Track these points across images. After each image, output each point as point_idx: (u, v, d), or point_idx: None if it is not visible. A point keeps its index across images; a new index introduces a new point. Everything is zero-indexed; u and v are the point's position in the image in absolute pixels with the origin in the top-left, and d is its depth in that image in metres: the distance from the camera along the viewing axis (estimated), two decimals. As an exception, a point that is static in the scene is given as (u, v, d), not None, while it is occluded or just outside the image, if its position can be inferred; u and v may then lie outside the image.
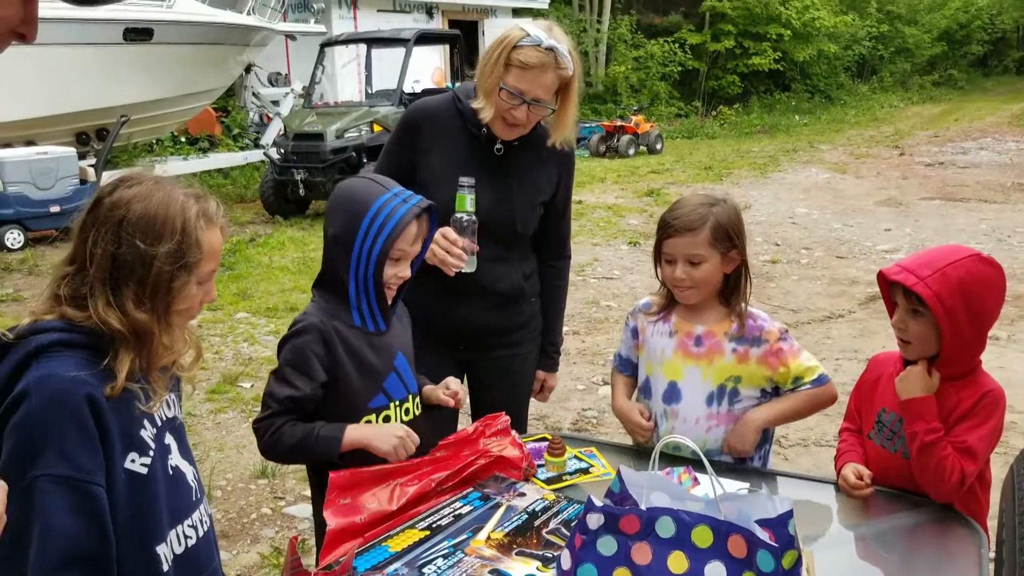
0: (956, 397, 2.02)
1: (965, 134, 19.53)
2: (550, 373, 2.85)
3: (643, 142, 17.51)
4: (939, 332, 1.98)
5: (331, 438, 1.96)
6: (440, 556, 1.71)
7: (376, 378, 2.11)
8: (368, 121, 10.91)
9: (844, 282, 7.77)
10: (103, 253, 1.46)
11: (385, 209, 2.02)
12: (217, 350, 6.13)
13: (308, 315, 2.08)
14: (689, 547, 1.24)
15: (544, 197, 2.62)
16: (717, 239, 2.21)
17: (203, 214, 1.55)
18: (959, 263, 1.98)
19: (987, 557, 1.82)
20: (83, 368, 1.43)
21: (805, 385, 2.28)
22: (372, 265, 2.03)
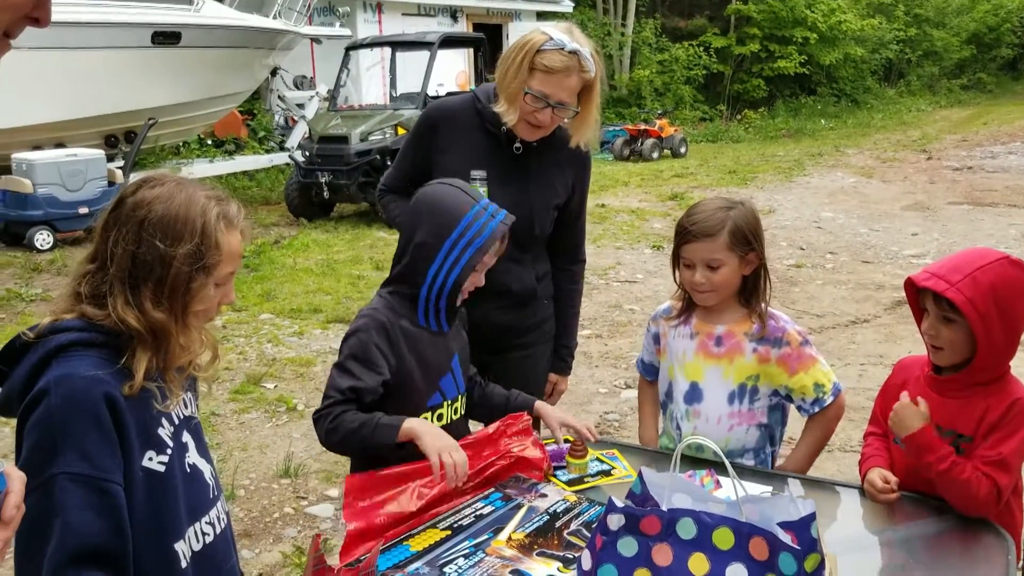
0: (985, 404, 1.99)
1: (994, 138, 19.30)
2: (562, 376, 2.86)
3: (667, 146, 17.44)
4: (972, 337, 1.96)
5: (390, 426, 1.96)
6: (461, 556, 1.71)
7: (434, 377, 2.15)
8: (392, 124, 10.96)
9: (870, 287, 7.70)
10: (123, 252, 1.48)
11: (476, 224, 2.07)
12: (241, 351, 6.17)
13: (375, 310, 2.12)
14: (710, 549, 1.23)
15: (559, 200, 2.63)
16: (735, 243, 2.21)
17: (223, 216, 1.56)
18: (989, 267, 1.95)
19: (1015, 564, 1.80)
20: (102, 367, 1.44)
21: (828, 396, 2.28)
22: (455, 274, 2.07)
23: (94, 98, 10.55)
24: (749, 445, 2.32)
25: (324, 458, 4.47)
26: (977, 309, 1.92)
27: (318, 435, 2.10)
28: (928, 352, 2.10)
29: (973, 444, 1.99)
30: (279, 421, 4.98)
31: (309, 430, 4.81)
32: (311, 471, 4.32)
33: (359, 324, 2.10)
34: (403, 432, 1.95)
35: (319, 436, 2.10)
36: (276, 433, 4.82)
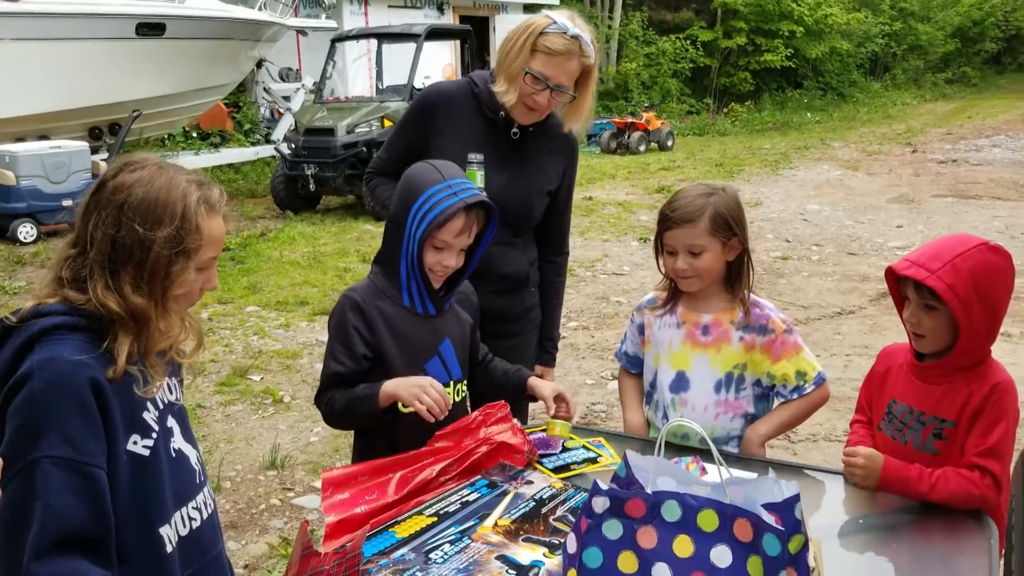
0: (968, 389, 2.01)
1: (978, 131, 19.41)
2: (547, 368, 2.86)
3: (654, 139, 17.46)
4: (953, 324, 1.97)
5: (369, 395, 2.08)
6: (447, 542, 1.71)
7: (418, 359, 2.18)
8: (379, 116, 10.93)
9: (855, 278, 7.74)
10: (103, 236, 1.47)
11: (433, 199, 2.08)
12: (227, 343, 6.15)
13: (352, 290, 2.19)
14: (695, 531, 1.23)
15: (551, 186, 2.65)
16: (717, 228, 2.22)
17: (204, 200, 1.55)
18: (968, 253, 1.96)
19: (997, 547, 1.81)
20: (85, 351, 1.44)
21: (809, 385, 2.29)
22: (415, 251, 2.10)
23: (78, 90, 10.48)
24: (734, 433, 2.33)
25: (310, 450, 4.46)
26: (958, 296, 1.93)
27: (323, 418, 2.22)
28: (910, 340, 2.11)
29: (956, 429, 2.01)
30: (265, 413, 4.97)
31: (296, 422, 4.81)
32: (297, 463, 4.31)
33: (337, 305, 2.17)
34: (382, 399, 2.06)
35: (324, 420, 2.23)
36: (262, 425, 4.81)
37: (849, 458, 2.03)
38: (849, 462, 2.02)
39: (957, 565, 1.82)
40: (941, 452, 2.03)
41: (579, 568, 1.28)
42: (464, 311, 2.33)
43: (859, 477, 2.01)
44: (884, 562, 1.88)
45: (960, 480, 1.94)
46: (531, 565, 1.62)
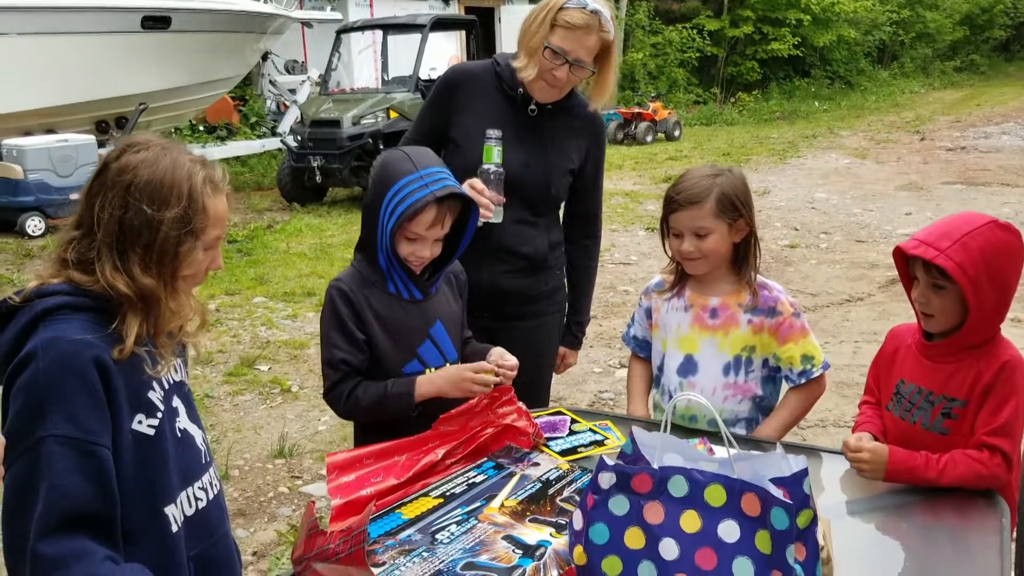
0: (977, 367, 1.99)
1: (987, 119, 19.29)
2: (571, 350, 2.88)
3: (661, 129, 17.39)
4: (963, 303, 1.95)
5: (404, 393, 2.10)
6: (453, 523, 1.70)
7: (409, 344, 2.17)
8: (384, 107, 10.91)
9: (864, 266, 7.70)
10: (110, 218, 1.46)
11: (404, 191, 2.06)
12: (235, 333, 6.16)
13: (338, 280, 2.18)
14: (702, 506, 1.22)
15: (573, 165, 2.64)
16: (723, 210, 2.21)
17: (209, 180, 1.56)
18: (977, 231, 1.94)
19: (1008, 526, 1.80)
20: (90, 331, 1.43)
21: (816, 369, 2.28)
22: (388, 242, 2.09)
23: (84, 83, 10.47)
24: (742, 415, 2.32)
25: (318, 438, 4.46)
26: (967, 274, 1.91)
27: (338, 414, 2.22)
28: (919, 320, 2.09)
29: (965, 408, 1.99)
30: (273, 403, 4.97)
31: (304, 411, 4.82)
32: (305, 451, 4.32)
33: (326, 297, 2.17)
34: (420, 394, 2.10)
35: (336, 413, 2.22)
36: (270, 415, 4.81)
37: (853, 454, 2.00)
38: (854, 459, 2.00)
39: (968, 544, 1.81)
40: (950, 431, 2.01)
41: (586, 544, 1.27)
42: (453, 291, 2.32)
43: (866, 472, 1.99)
44: (894, 541, 1.87)
45: (969, 462, 1.92)
46: (538, 545, 1.61)
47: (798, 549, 1.20)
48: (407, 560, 1.56)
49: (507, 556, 1.58)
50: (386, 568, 1.54)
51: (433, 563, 1.55)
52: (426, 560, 1.56)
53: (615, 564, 1.25)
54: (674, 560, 1.22)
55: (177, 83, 11.72)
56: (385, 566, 1.54)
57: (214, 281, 7.29)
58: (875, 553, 1.79)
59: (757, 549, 1.19)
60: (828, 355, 2.42)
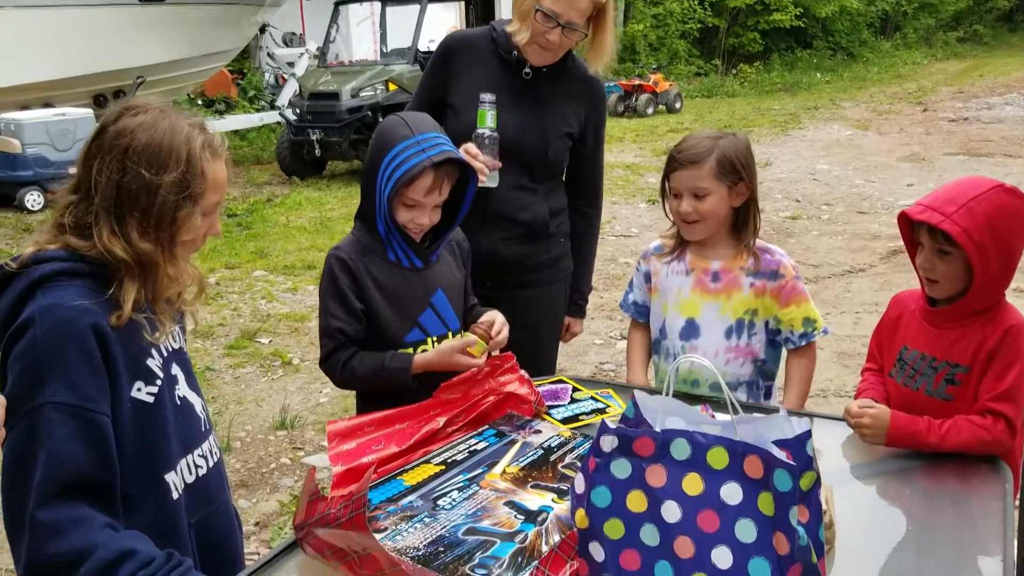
0: (982, 333, 1.97)
1: (990, 89, 19.17)
2: (576, 319, 2.88)
3: (662, 101, 17.29)
4: (968, 268, 1.93)
5: (401, 368, 2.09)
6: (455, 489, 1.70)
7: (410, 313, 2.16)
8: (383, 80, 10.84)
9: (865, 237, 7.68)
10: (108, 182, 1.44)
11: (400, 156, 2.04)
12: (235, 307, 6.15)
13: (337, 248, 2.15)
14: (704, 469, 1.21)
15: (570, 130, 2.62)
16: (722, 171, 2.19)
17: (208, 145, 1.54)
18: (983, 196, 1.92)
19: (1012, 492, 1.79)
20: (88, 297, 1.42)
21: (817, 333, 2.29)
22: (386, 208, 2.07)
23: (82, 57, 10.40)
24: (743, 379, 2.32)
25: (320, 410, 4.47)
26: (973, 239, 1.89)
27: (334, 383, 2.20)
28: (923, 286, 2.08)
29: (969, 374, 1.98)
30: (274, 375, 4.98)
31: (305, 384, 4.82)
32: (307, 423, 4.33)
33: (325, 265, 2.15)
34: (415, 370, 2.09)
35: (333, 383, 2.20)
36: (271, 387, 4.82)
37: (855, 420, 2.00)
38: (856, 424, 2.00)
39: (970, 510, 1.80)
40: (954, 398, 2.00)
41: (588, 508, 1.26)
42: (456, 259, 2.30)
43: (868, 436, 1.98)
44: (896, 507, 1.86)
45: (971, 427, 1.91)
46: (540, 510, 1.61)
47: (801, 511, 1.19)
48: (409, 526, 1.56)
49: (509, 521, 1.58)
50: (388, 534, 1.54)
51: (435, 528, 1.55)
52: (428, 526, 1.56)
53: (617, 527, 1.24)
54: (676, 522, 1.21)
55: (175, 56, 11.64)
56: (387, 531, 1.54)
57: (214, 255, 7.28)
58: (877, 518, 1.79)
59: (760, 511, 1.18)
60: (829, 326, 2.42)
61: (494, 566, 1.43)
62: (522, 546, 1.49)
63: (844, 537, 1.59)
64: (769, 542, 1.18)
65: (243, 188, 10.54)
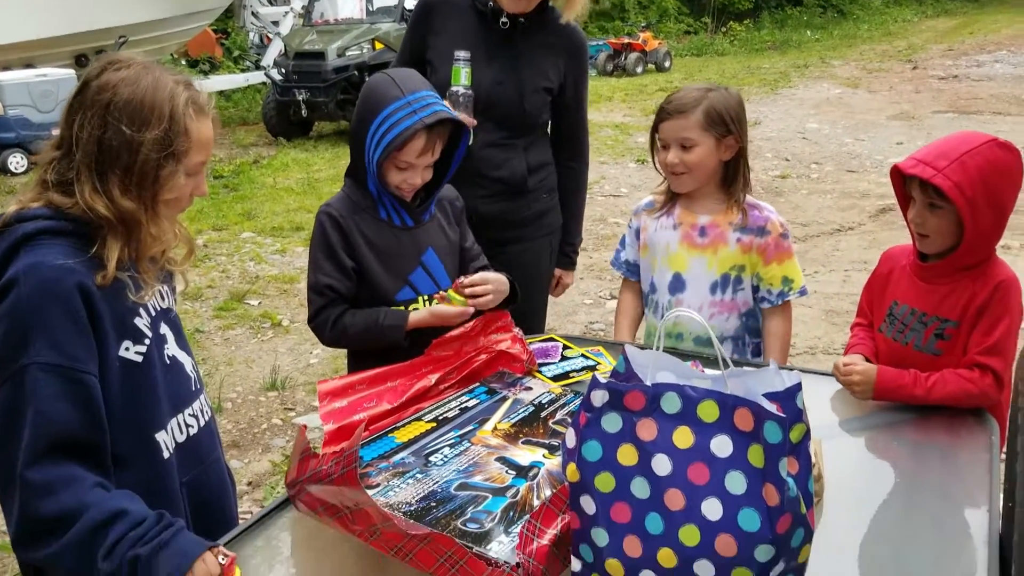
0: (972, 288, 1.98)
1: (980, 47, 19.09)
2: (566, 271, 2.90)
3: (651, 60, 17.17)
4: (959, 223, 1.93)
5: (396, 326, 2.07)
6: (446, 445, 1.70)
7: (401, 271, 2.14)
8: (369, 39, 10.71)
9: (854, 195, 7.69)
10: (89, 138, 1.42)
11: (392, 119, 2.00)
12: (224, 269, 6.12)
13: (328, 205, 2.13)
14: (695, 422, 1.21)
15: (549, 84, 2.59)
16: (710, 123, 2.18)
17: (193, 102, 1.50)
18: (976, 151, 1.90)
19: (998, 444, 1.81)
20: (72, 256, 1.40)
21: (793, 293, 2.29)
22: (373, 170, 2.05)
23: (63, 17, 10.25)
24: (728, 333, 2.33)
25: (310, 371, 4.47)
26: (965, 194, 1.88)
27: (320, 339, 2.17)
28: (914, 240, 2.08)
29: (959, 329, 1.99)
30: (264, 337, 4.97)
31: (295, 345, 4.82)
32: (298, 383, 4.33)
33: (316, 222, 2.13)
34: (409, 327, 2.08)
35: (322, 340, 2.18)
36: (262, 348, 4.81)
37: (844, 377, 2.01)
38: (844, 380, 2.01)
39: (957, 462, 1.82)
40: (943, 352, 2.01)
41: (579, 462, 1.27)
42: (448, 218, 2.28)
43: (856, 391, 1.99)
44: (884, 459, 1.88)
45: (958, 380, 1.92)
46: (531, 466, 1.62)
47: (791, 463, 1.19)
48: (401, 482, 1.57)
49: (501, 477, 1.58)
50: (380, 490, 1.54)
51: (427, 484, 1.56)
52: (420, 482, 1.57)
53: (608, 480, 1.25)
54: (667, 475, 1.22)
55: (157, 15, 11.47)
56: (379, 488, 1.55)
57: (201, 216, 7.23)
58: (866, 471, 1.80)
59: (750, 463, 1.18)
60: (818, 284, 2.43)
61: (486, 520, 1.44)
62: (513, 501, 1.50)
63: (832, 489, 1.61)
64: (759, 493, 1.18)
65: (229, 150, 10.44)
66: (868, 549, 1.50)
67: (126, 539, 1.33)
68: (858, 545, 1.51)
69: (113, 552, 1.32)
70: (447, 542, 1.33)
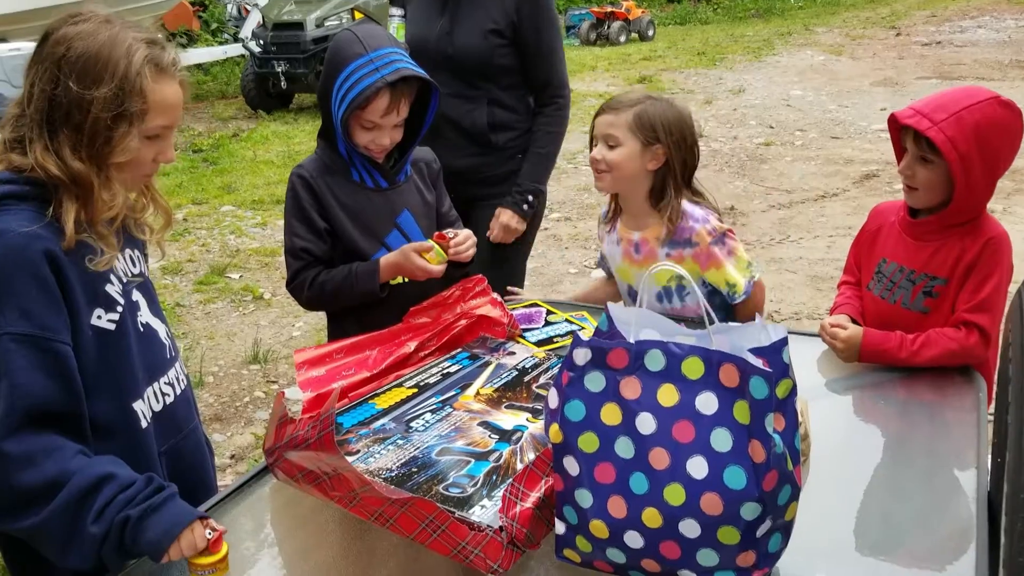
0: (961, 245, 1.95)
1: (963, 13, 19.04)
2: (509, 211, 2.72)
3: (634, 29, 17.02)
4: (949, 179, 1.89)
5: (370, 271, 2.03)
6: (428, 411, 1.67)
7: (376, 233, 2.11)
8: (348, 8, 10.55)
9: (839, 162, 7.66)
10: (40, 94, 1.37)
11: (353, 76, 1.95)
12: (204, 243, 6.05)
13: (300, 167, 2.10)
14: (679, 379, 1.19)
15: (496, 26, 2.57)
16: (639, 126, 2.11)
17: (152, 61, 1.42)
18: (976, 106, 1.86)
19: (985, 401, 1.80)
20: (36, 222, 1.35)
21: (739, 295, 2.20)
22: (341, 131, 2.00)
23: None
24: None
25: (292, 343, 4.43)
26: (957, 149, 1.84)
27: (299, 302, 2.16)
28: (904, 193, 2.04)
29: (947, 287, 1.96)
30: (246, 310, 4.92)
31: (277, 318, 4.77)
32: (280, 356, 4.29)
33: (288, 184, 2.10)
34: (383, 274, 2.03)
35: (300, 303, 2.16)
36: (243, 322, 4.76)
37: (830, 339, 1.99)
38: (830, 344, 1.99)
39: (945, 419, 1.81)
40: (931, 311, 1.99)
41: (561, 422, 1.24)
42: (424, 180, 2.24)
43: (841, 354, 1.97)
44: (872, 418, 1.87)
45: (944, 340, 1.90)
46: (514, 430, 1.60)
47: (777, 419, 1.17)
48: (382, 448, 1.54)
49: (483, 441, 1.56)
50: (360, 455, 1.51)
51: (408, 450, 1.53)
52: (401, 447, 1.54)
53: (592, 440, 1.22)
54: (651, 434, 1.19)
55: (132, -13, 11.25)
56: (359, 454, 1.52)
57: (180, 191, 7.14)
58: (853, 430, 1.79)
59: (735, 419, 1.16)
60: (803, 250, 2.41)
61: (468, 484, 1.41)
62: (497, 464, 1.47)
63: (819, 449, 1.59)
64: (745, 450, 1.16)
65: (208, 123, 10.30)
66: (856, 508, 1.48)
67: (116, 501, 1.29)
68: (846, 504, 1.49)
69: (103, 514, 1.28)
70: (428, 507, 1.30)
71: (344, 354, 1.88)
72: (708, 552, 1.19)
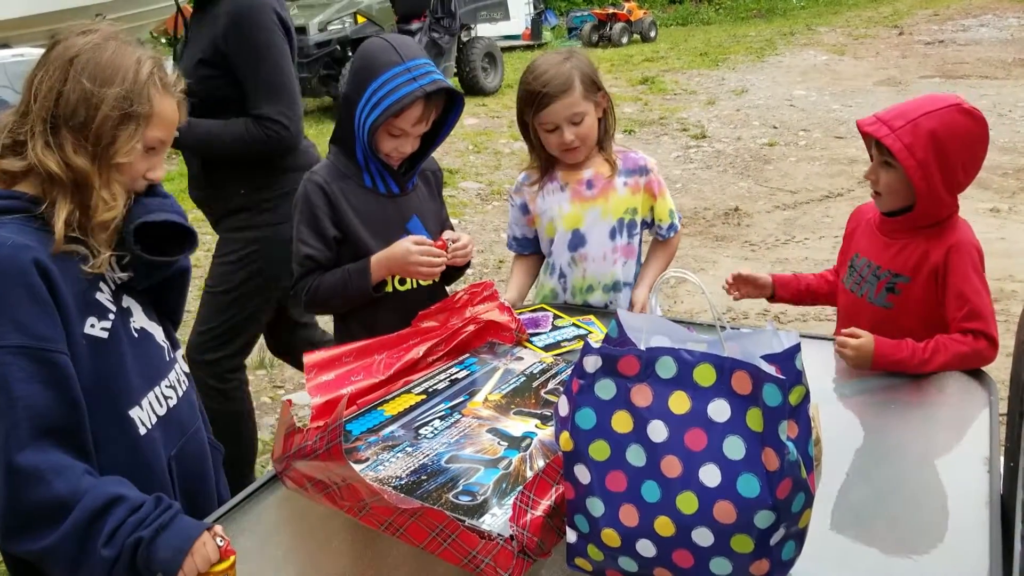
0: (926, 245, 2.00)
1: (966, 11, 19.02)
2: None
3: (636, 30, 17.05)
4: (911, 184, 1.94)
5: (361, 271, 2.06)
6: (437, 418, 1.67)
7: (387, 238, 2.12)
8: (351, 12, 10.57)
9: (843, 161, 7.65)
10: (48, 91, 1.38)
11: (390, 84, 1.98)
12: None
13: (313, 172, 2.11)
14: (691, 386, 1.18)
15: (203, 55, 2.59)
16: (588, 90, 2.25)
17: (158, 75, 1.47)
18: (935, 113, 1.91)
19: (997, 403, 1.79)
20: (25, 234, 1.35)
21: (678, 222, 2.45)
22: (365, 135, 2.02)
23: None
24: (628, 280, 2.42)
25: (298, 348, 4.42)
26: (914, 156, 1.89)
27: (302, 306, 2.17)
28: (872, 199, 2.12)
29: (910, 284, 2.02)
30: (251, 315, 4.90)
31: (282, 322, 4.75)
32: (286, 362, 4.27)
33: (300, 188, 2.10)
34: (375, 275, 2.06)
35: (303, 307, 2.17)
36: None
37: (840, 348, 2.00)
38: (841, 353, 1.99)
39: (957, 422, 1.80)
40: (893, 306, 2.05)
41: (572, 430, 1.23)
42: (431, 188, 2.27)
43: (851, 362, 1.97)
44: (882, 422, 1.85)
45: (954, 346, 1.91)
46: (523, 436, 1.59)
47: (790, 426, 1.16)
48: (391, 455, 1.53)
49: (492, 448, 1.55)
50: (369, 464, 1.50)
51: (417, 458, 1.52)
52: (410, 455, 1.53)
53: (603, 448, 1.21)
54: (663, 442, 1.18)
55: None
56: (368, 462, 1.51)
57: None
58: (864, 434, 1.78)
59: (748, 427, 1.15)
60: (808, 250, 2.49)
61: (479, 492, 1.40)
62: (506, 472, 1.47)
63: (831, 454, 1.59)
64: (758, 458, 1.15)
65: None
66: (867, 513, 1.47)
67: (127, 524, 1.29)
68: (856, 509, 1.48)
69: (114, 537, 1.28)
70: (438, 516, 1.29)
71: (354, 357, 1.87)
72: (721, 560, 1.18)
